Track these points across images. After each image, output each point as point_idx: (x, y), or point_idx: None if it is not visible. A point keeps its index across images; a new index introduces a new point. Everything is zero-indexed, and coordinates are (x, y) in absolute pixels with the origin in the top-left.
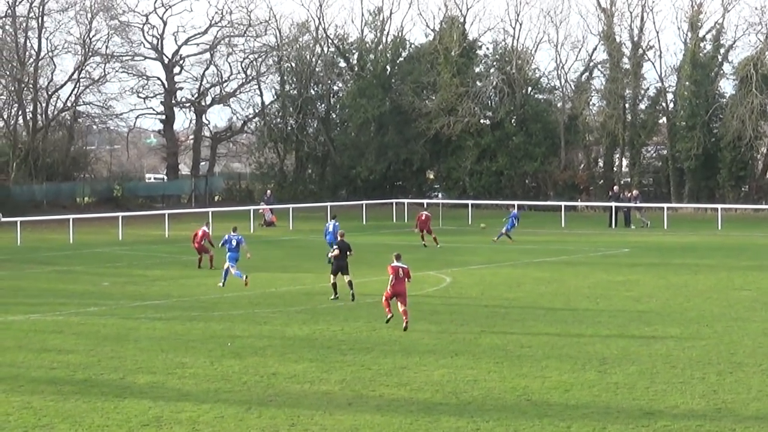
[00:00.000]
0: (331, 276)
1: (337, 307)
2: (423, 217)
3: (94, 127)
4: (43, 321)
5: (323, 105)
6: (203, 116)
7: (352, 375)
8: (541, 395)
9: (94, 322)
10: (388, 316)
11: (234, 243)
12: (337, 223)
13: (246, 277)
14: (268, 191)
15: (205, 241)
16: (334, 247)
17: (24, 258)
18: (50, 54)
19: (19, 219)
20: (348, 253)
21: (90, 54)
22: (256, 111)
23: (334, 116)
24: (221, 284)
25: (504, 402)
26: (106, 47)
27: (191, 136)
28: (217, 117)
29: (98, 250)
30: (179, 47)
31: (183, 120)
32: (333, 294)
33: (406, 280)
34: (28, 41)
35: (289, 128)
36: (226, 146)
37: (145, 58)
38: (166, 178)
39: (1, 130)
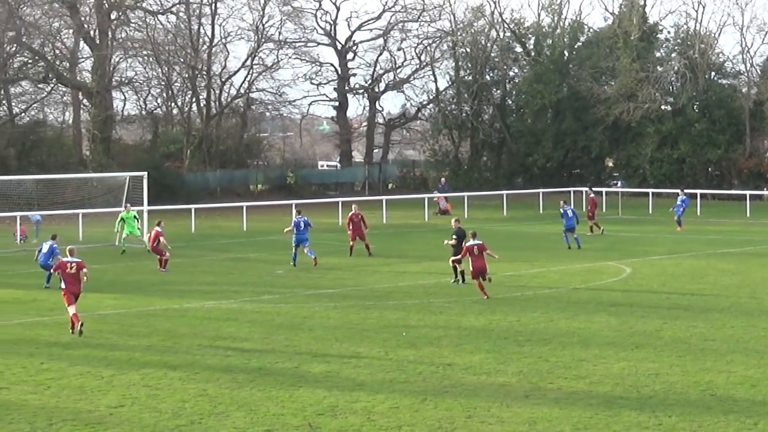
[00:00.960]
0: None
1: (514, 297)
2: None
3: (267, 113)
4: (218, 308)
5: (499, 91)
6: (377, 103)
7: (529, 367)
8: (726, 390)
9: (269, 310)
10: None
11: (302, 225)
12: (573, 210)
13: (315, 257)
14: (443, 179)
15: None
16: (453, 236)
17: (198, 245)
18: (223, 41)
19: (193, 206)
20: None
21: (263, 40)
22: (431, 97)
23: (510, 102)
24: (293, 264)
25: (687, 397)
26: (279, 33)
27: (364, 123)
28: (391, 103)
29: (272, 237)
30: (352, 33)
31: (356, 106)
32: (454, 277)
33: (484, 254)
34: (201, 28)
35: (464, 115)
36: (399, 133)
37: (318, 44)
38: (339, 165)
39: (175, 117)
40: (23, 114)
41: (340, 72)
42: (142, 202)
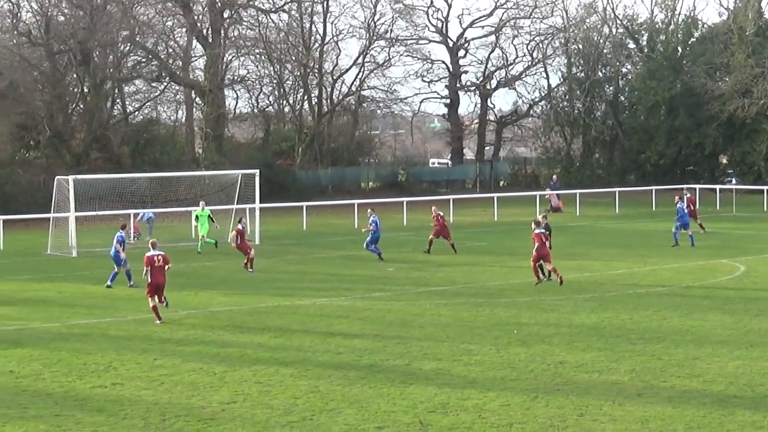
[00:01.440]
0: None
1: (626, 295)
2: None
3: (379, 111)
4: (329, 305)
5: (611, 88)
6: (488, 100)
7: (641, 365)
8: None
9: (380, 307)
10: (537, 281)
11: (378, 223)
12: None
13: (380, 254)
14: (555, 176)
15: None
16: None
17: (310, 243)
18: (335, 38)
19: (304, 204)
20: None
21: (374, 38)
22: (542, 94)
23: (623, 99)
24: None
25: None
26: (391, 31)
27: (476, 121)
28: (503, 100)
29: (383, 235)
30: (464, 30)
31: (467, 104)
32: (538, 280)
33: (548, 242)
34: (313, 26)
35: (576, 112)
36: (511, 130)
37: (430, 41)
38: (450, 162)
39: (287, 115)
40: (137, 112)
41: (451, 69)
42: (254, 199)
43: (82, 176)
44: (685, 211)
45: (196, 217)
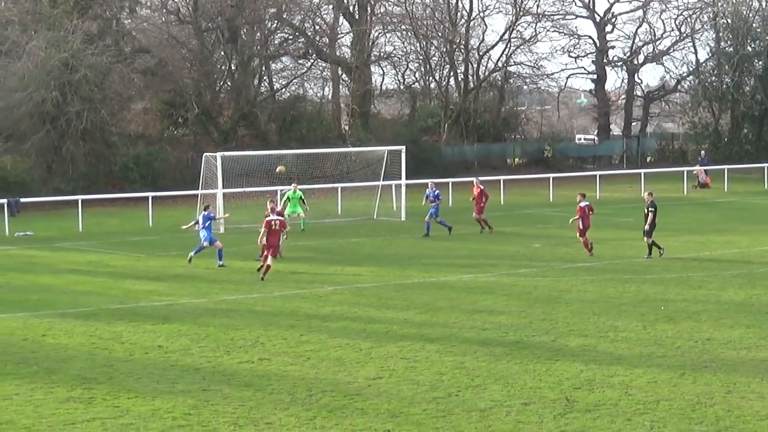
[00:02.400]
0: (645, 237)
1: None
2: None
3: (525, 87)
4: (475, 281)
5: (761, 62)
6: (635, 75)
7: None
8: None
9: (525, 283)
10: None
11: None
12: None
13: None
14: (703, 152)
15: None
16: (650, 209)
17: (456, 219)
18: (481, 14)
19: (450, 180)
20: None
21: (521, 13)
22: (690, 69)
23: None
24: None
25: None
26: (537, 6)
27: (623, 96)
28: (650, 76)
29: (529, 211)
30: (611, 5)
31: (614, 79)
32: (647, 254)
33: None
34: (459, 2)
35: (725, 87)
36: (658, 106)
37: (577, 16)
38: (596, 138)
39: (433, 91)
40: (284, 89)
41: (598, 44)
42: (400, 176)
43: (229, 153)
44: None
45: (288, 198)
